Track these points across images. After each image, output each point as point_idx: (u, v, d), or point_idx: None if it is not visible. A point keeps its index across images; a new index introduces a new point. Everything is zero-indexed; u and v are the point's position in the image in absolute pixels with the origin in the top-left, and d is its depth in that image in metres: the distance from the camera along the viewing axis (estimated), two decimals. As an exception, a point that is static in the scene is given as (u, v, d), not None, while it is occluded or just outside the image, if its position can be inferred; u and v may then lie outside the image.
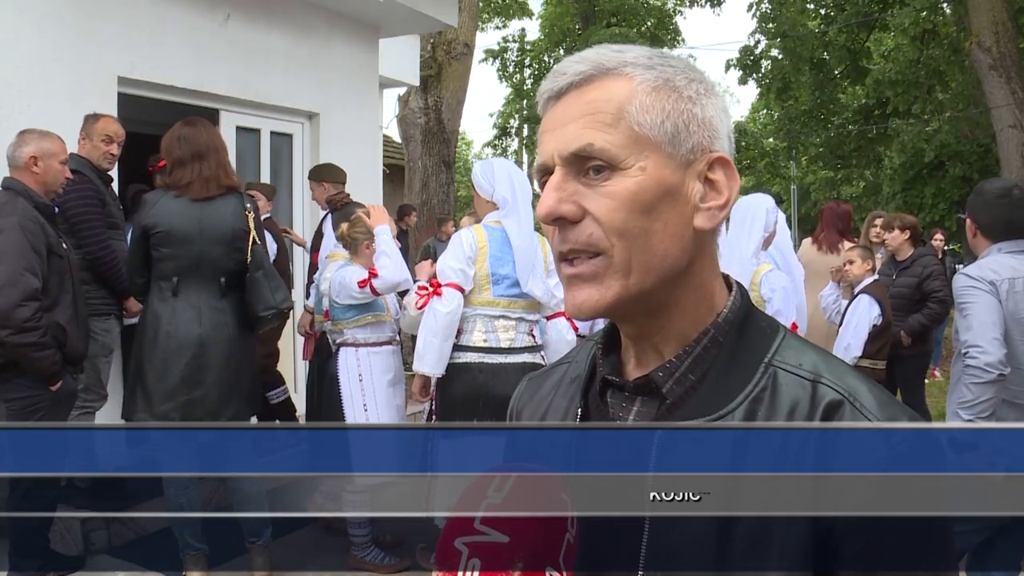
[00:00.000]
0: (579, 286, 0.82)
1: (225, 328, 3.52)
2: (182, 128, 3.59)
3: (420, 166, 11.12)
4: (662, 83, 0.82)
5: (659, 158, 0.80)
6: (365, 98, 6.66)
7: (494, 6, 22.03)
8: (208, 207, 3.51)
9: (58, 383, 3.36)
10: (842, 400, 0.78)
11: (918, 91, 17.12)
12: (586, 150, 0.80)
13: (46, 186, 3.47)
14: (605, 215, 0.79)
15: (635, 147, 0.80)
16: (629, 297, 0.81)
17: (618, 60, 0.82)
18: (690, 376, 0.83)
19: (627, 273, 0.80)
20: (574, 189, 0.81)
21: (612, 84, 0.81)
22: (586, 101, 0.81)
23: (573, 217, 0.81)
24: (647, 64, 0.82)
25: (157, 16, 4.93)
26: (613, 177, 0.80)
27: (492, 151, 28.28)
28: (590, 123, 0.80)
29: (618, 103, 0.80)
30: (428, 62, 10.70)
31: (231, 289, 3.57)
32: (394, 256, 3.86)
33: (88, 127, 4.07)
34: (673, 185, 0.81)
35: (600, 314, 0.83)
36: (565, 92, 0.83)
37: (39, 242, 3.31)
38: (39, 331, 3.25)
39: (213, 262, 3.51)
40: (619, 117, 0.80)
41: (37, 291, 3.25)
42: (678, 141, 0.81)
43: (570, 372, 0.97)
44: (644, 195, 0.79)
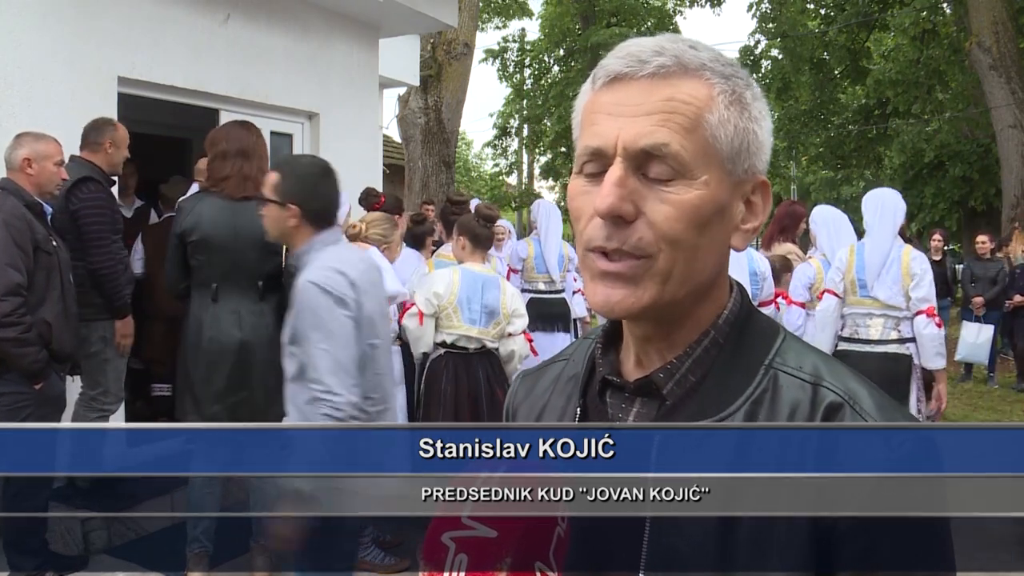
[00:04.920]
0: (615, 284, 0.79)
1: (265, 330, 3.56)
2: (232, 126, 3.65)
3: (420, 166, 11.11)
4: (736, 97, 0.80)
5: (720, 174, 0.79)
6: (365, 98, 6.65)
7: (494, 6, 22.00)
8: (242, 211, 3.52)
9: (41, 383, 3.36)
10: (842, 403, 0.78)
11: (918, 91, 17.12)
12: (660, 150, 0.76)
13: (40, 187, 3.50)
14: (663, 223, 0.77)
15: (704, 158, 0.78)
16: (662, 304, 0.80)
17: (698, 61, 0.79)
18: (690, 377, 0.83)
19: (665, 281, 0.79)
20: (634, 187, 0.77)
21: (692, 86, 0.78)
22: (664, 96, 0.77)
23: (629, 217, 0.77)
24: (723, 72, 0.80)
25: (157, 16, 4.93)
26: (677, 185, 0.77)
27: (492, 151, 28.27)
28: (666, 122, 0.77)
29: (697, 108, 0.78)
30: (428, 62, 10.69)
31: (269, 291, 3.62)
32: (389, 269, 3.89)
33: (113, 135, 3.98)
34: (725, 204, 0.80)
35: (630, 316, 0.82)
36: (637, 78, 0.79)
37: (25, 238, 3.32)
38: (20, 327, 3.24)
39: (249, 267, 3.55)
40: (697, 124, 0.77)
41: (19, 286, 3.25)
42: (738, 160, 0.80)
43: (567, 370, 0.96)
44: (703, 210, 0.78)
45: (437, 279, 3.95)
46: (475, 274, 3.99)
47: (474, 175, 34.31)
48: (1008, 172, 12.54)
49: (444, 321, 3.91)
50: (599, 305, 0.81)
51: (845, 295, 4.38)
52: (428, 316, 3.89)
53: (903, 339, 4.31)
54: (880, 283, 4.27)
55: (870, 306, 4.33)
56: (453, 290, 3.90)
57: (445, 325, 3.92)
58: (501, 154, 28.09)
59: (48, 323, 3.39)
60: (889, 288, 4.27)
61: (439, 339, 3.94)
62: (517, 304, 4.11)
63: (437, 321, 3.92)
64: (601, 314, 0.85)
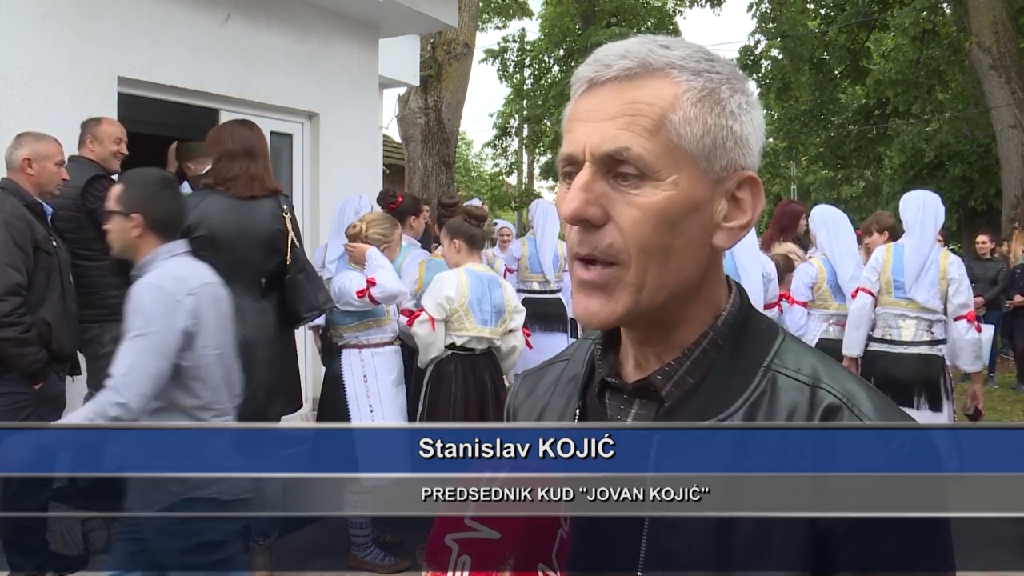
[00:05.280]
0: (590, 293, 0.80)
1: (267, 329, 3.57)
2: (236, 125, 3.65)
3: (420, 166, 11.12)
4: (707, 94, 0.79)
5: (692, 173, 0.78)
6: (365, 98, 6.65)
7: (494, 6, 22.00)
8: (248, 209, 3.53)
9: (41, 383, 3.36)
10: (840, 405, 0.78)
11: (918, 91, 17.11)
12: (621, 154, 0.76)
13: (40, 187, 3.50)
14: (629, 226, 0.77)
15: (671, 159, 0.77)
16: (639, 311, 0.80)
17: (665, 60, 0.78)
18: (689, 379, 0.83)
19: (639, 288, 0.78)
20: (602, 191, 0.78)
21: (656, 86, 0.78)
22: (627, 100, 0.77)
23: (597, 221, 0.78)
24: (694, 68, 0.79)
25: (157, 16, 4.93)
26: (643, 187, 0.77)
27: (492, 151, 28.26)
28: (629, 125, 0.77)
29: (660, 109, 0.77)
30: (428, 62, 10.70)
31: (271, 290, 3.62)
32: (389, 268, 3.89)
33: (94, 130, 4.02)
34: (701, 202, 0.79)
35: (609, 326, 0.82)
36: (604, 83, 0.79)
37: (24, 238, 3.32)
38: (19, 327, 3.24)
39: (254, 264, 3.55)
40: (660, 125, 0.77)
41: (19, 286, 3.25)
42: (713, 158, 0.79)
43: (567, 371, 0.96)
44: (672, 211, 0.77)
45: (446, 283, 3.89)
46: (480, 275, 3.98)
47: (474, 175, 34.29)
48: (1008, 172, 12.55)
49: (455, 324, 3.89)
50: (580, 315, 0.82)
51: (879, 295, 4.41)
52: (439, 321, 3.87)
53: (935, 341, 4.36)
54: (919, 285, 4.31)
55: (904, 307, 4.36)
56: (464, 292, 3.88)
57: (456, 328, 3.89)
58: (501, 154, 28.08)
59: (48, 323, 3.39)
60: (927, 291, 4.31)
61: (447, 341, 3.92)
62: (516, 300, 4.14)
63: (446, 324, 3.91)
64: (583, 324, 0.85)
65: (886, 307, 4.40)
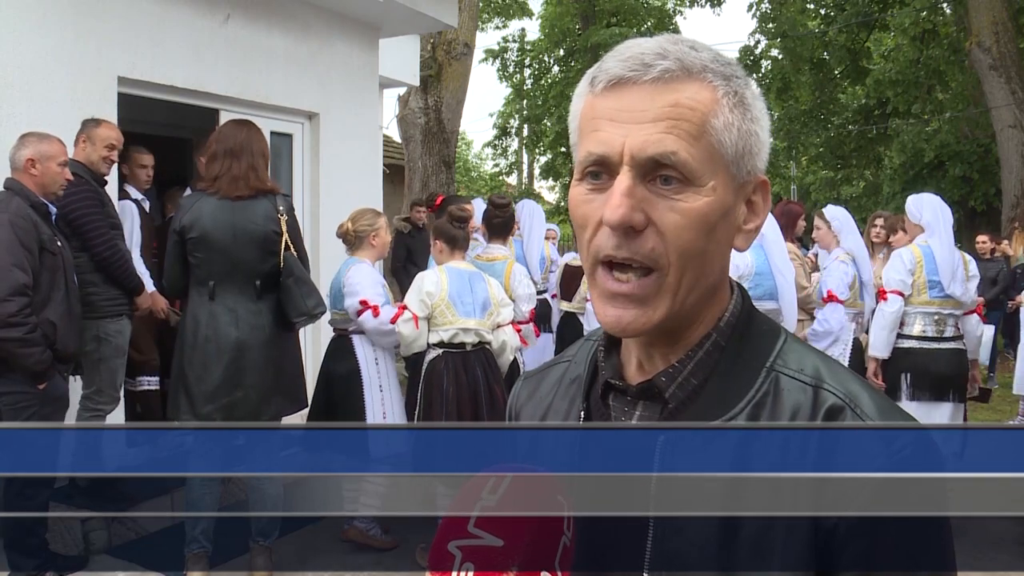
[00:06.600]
0: (626, 305, 0.78)
1: (262, 330, 3.56)
2: (224, 126, 3.67)
3: (420, 166, 11.12)
4: (738, 100, 0.79)
5: (726, 178, 0.78)
6: (365, 98, 6.65)
7: (494, 6, 21.99)
8: (240, 209, 3.53)
9: (45, 383, 3.36)
10: (843, 406, 0.78)
11: (918, 91, 17.12)
12: (668, 158, 0.75)
13: (44, 187, 3.51)
14: (673, 231, 0.76)
15: (711, 164, 0.77)
16: (673, 316, 0.79)
17: (700, 63, 0.78)
18: (692, 380, 0.83)
19: (676, 293, 0.78)
20: (643, 196, 0.76)
21: (696, 90, 0.77)
22: (669, 102, 0.76)
23: (640, 227, 0.76)
24: (724, 73, 0.79)
25: (157, 16, 4.93)
26: (686, 192, 0.76)
27: (492, 151, 28.26)
28: (673, 128, 0.75)
29: (703, 114, 0.76)
30: (428, 62, 10.70)
31: (267, 291, 3.60)
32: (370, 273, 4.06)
33: (90, 131, 4.05)
34: (730, 207, 0.79)
35: (644, 334, 0.81)
36: (640, 82, 0.77)
37: (30, 239, 3.32)
38: (25, 327, 3.24)
39: (247, 265, 3.55)
40: (703, 130, 0.76)
41: (25, 287, 3.25)
42: (741, 163, 0.79)
43: (569, 372, 0.96)
44: (712, 216, 0.77)
45: (426, 280, 4.01)
46: (460, 270, 4.06)
47: (474, 175, 34.29)
48: (1008, 172, 12.54)
49: (438, 319, 3.94)
50: (610, 326, 0.80)
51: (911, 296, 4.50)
52: (422, 319, 3.93)
53: (958, 336, 4.56)
54: (955, 283, 4.46)
55: (939, 306, 4.50)
56: (443, 287, 3.96)
57: (440, 323, 3.94)
58: (501, 154, 28.10)
59: (53, 323, 3.39)
60: (962, 288, 4.49)
61: (435, 339, 3.96)
62: (503, 294, 4.18)
63: (430, 321, 3.97)
64: (613, 334, 0.84)
65: (920, 307, 4.51)
